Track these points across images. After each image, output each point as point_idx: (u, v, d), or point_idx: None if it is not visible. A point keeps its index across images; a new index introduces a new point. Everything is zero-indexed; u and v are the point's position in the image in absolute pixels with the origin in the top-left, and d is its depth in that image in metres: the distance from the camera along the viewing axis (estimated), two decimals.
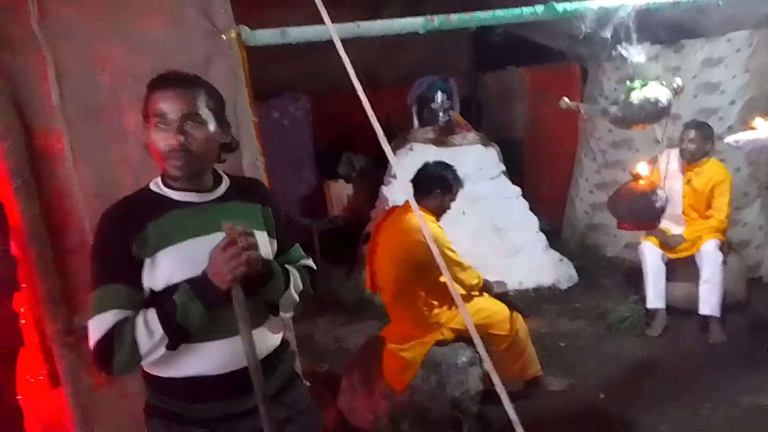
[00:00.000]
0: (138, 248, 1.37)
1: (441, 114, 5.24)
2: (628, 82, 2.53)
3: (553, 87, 5.79)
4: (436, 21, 2.14)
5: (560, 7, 2.32)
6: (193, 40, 1.81)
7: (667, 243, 3.82)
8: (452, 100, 5.36)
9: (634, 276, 4.32)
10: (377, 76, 6.58)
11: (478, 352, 2.97)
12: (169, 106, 1.37)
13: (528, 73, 6.38)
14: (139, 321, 1.35)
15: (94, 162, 1.81)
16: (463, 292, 3.01)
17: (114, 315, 1.35)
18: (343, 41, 1.52)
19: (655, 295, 3.84)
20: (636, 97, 2.47)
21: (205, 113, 1.41)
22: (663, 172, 3.91)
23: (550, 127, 6.06)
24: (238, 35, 1.89)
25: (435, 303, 2.95)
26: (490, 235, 5.06)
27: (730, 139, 2.85)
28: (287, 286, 1.53)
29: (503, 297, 3.13)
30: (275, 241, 1.59)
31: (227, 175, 1.57)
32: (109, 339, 1.33)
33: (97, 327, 1.35)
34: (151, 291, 1.40)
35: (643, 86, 2.48)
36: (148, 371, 1.46)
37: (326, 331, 4.38)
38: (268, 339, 1.55)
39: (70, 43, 1.80)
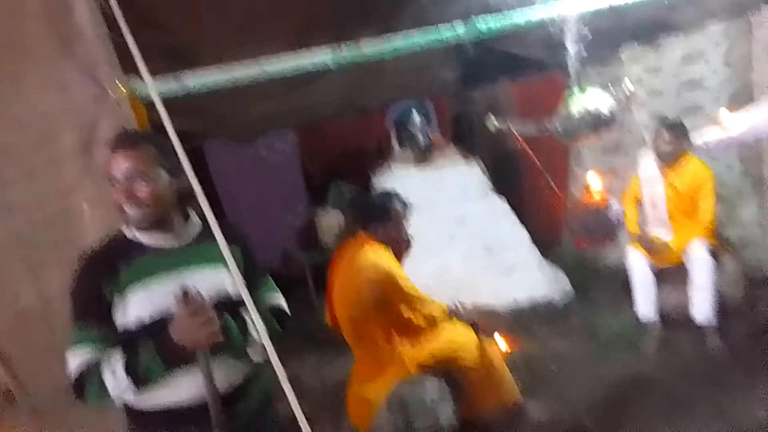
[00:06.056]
0: (110, 291, 1.49)
1: (420, 136, 5.15)
2: (566, 93, 2.41)
3: (539, 97, 5.58)
4: (346, 53, 2.06)
5: (482, 25, 2.21)
6: (80, 104, 1.76)
7: (651, 249, 3.62)
8: (430, 121, 5.26)
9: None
10: (363, 102, 6.52)
11: (448, 386, 2.88)
12: (116, 166, 1.48)
13: (514, 85, 6.25)
14: (107, 369, 1.45)
15: None
16: (425, 325, 2.87)
17: (87, 351, 1.47)
18: (327, 71, 1.51)
19: (646, 307, 3.63)
20: (575, 108, 2.35)
21: (154, 169, 1.50)
22: (642, 176, 3.76)
23: (542, 137, 5.89)
24: (129, 91, 1.84)
25: (397, 339, 2.82)
26: (482, 257, 4.91)
27: (698, 141, 2.69)
28: (245, 336, 1.60)
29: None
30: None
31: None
32: (83, 376, 1.47)
33: (72, 360, 1.49)
34: (124, 329, 1.50)
35: (582, 96, 2.35)
36: (126, 404, 1.57)
37: (314, 370, 4.26)
38: (237, 368, 1.63)
39: None
